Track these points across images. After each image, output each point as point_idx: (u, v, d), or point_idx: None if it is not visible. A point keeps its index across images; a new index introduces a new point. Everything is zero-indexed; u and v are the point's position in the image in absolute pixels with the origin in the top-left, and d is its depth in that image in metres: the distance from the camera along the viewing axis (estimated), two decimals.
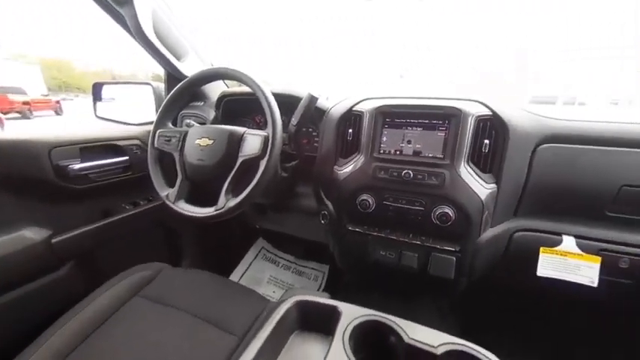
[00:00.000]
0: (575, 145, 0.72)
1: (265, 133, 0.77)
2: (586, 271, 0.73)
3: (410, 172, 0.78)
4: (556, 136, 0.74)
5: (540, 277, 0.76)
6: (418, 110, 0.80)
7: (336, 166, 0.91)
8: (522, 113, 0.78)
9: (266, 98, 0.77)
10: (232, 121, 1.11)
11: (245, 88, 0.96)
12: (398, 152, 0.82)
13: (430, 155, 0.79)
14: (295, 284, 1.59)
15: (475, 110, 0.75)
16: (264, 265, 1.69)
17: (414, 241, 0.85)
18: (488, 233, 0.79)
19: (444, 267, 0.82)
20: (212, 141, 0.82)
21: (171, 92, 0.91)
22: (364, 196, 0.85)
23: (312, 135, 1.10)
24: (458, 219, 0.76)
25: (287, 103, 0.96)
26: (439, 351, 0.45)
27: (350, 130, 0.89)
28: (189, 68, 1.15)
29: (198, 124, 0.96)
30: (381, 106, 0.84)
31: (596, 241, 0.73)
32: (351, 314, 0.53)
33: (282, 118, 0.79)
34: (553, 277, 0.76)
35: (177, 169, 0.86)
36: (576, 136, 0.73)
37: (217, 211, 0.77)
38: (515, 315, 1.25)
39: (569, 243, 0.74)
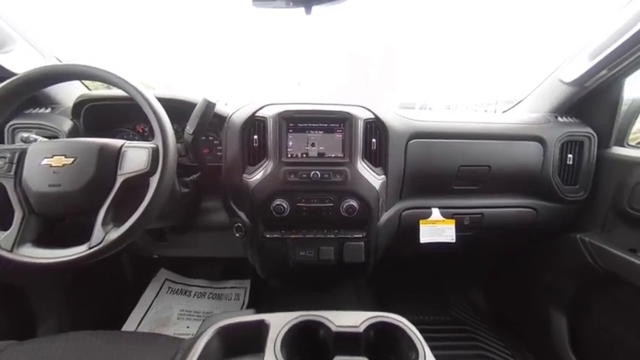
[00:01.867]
0: (431, 140, 0.96)
1: (153, 145, 0.65)
2: (448, 232, 0.99)
3: (317, 172, 0.85)
4: (419, 133, 0.95)
5: (423, 244, 0.98)
6: (318, 115, 0.87)
7: (245, 174, 0.88)
8: (395, 116, 0.96)
9: (149, 103, 0.64)
10: (101, 133, 0.87)
11: (116, 92, 0.77)
12: (304, 155, 0.87)
13: (333, 155, 0.88)
14: (214, 311, 1.43)
15: (363, 115, 0.88)
16: (172, 300, 1.43)
17: (329, 236, 0.92)
18: (385, 216, 0.95)
19: (355, 253, 0.93)
20: (72, 159, 0.62)
21: None
22: (278, 201, 0.85)
23: (214, 143, 1.01)
24: (361, 208, 0.88)
25: (177, 109, 0.83)
26: (361, 328, 0.50)
27: (255, 137, 0.87)
28: (17, 61, 0.84)
29: (44, 139, 0.72)
30: (284, 112, 0.86)
31: (451, 209, 1.00)
32: (279, 323, 0.52)
33: (173, 126, 0.68)
34: (430, 241, 0.98)
35: (12, 203, 0.61)
36: (430, 132, 0.96)
37: (93, 249, 0.59)
38: (411, 279, 1.56)
39: (435, 213, 0.98)
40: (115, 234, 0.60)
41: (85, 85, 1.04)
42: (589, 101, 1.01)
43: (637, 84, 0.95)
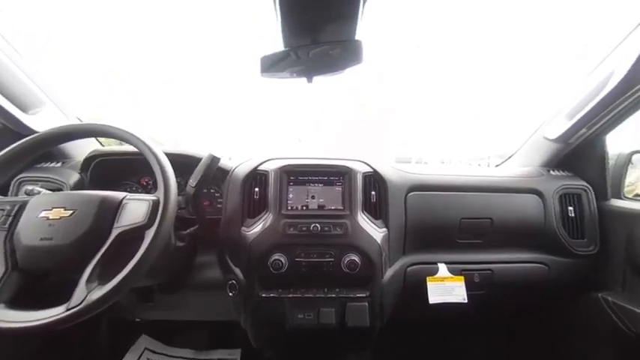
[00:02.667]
0: (430, 192, 0.97)
1: (154, 197, 0.65)
2: (458, 291, 0.91)
3: (317, 225, 0.83)
4: (418, 186, 0.97)
5: (432, 305, 0.90)
6: (318, 169, 0.90)
7: (243, 227, 0.86)
8: (393, 170, 1.00)
9: (156, 156, 0.66)
10: (107, 186, 0.89)
11: (127, 147, 0.82)
12: (304, 207, 0.87)
13: (333, 208, 0.87)
14: None
15: (361, 168, 0.91)
16: None
17: (330, 295, 0.85)
18: (389, 273, 0.89)
19: (359, 315, 0.84)
20: (71, 212, 0.62)
21: (5, 150, 0.67)
22: (276, 256, 0.82)
23: (215, 196, 1.02)
24: (363, 264, 0.83)
25: (182, 164, 0.87)
26: None
27: (256, 189, 0.88)
28: (42, 122, 0.91)
29: (48, 191, 0.73)
30: (285, 166, 0.89)
31: (458, 264, 0.95)
32: None
33: (177, 180, 0.70)
34: (440, 301, 0.90)
35: None
36: (429, 185, 0.98)
37: (70, 311, 0.53)
38: (420, 346, 1.38)
39: (442, 269, 0.93)
40: (98, 292, 0.55)
41: (99, 141, 1.10)
42: (576, 156, 1.06)
43: (619, 138, 1.01)
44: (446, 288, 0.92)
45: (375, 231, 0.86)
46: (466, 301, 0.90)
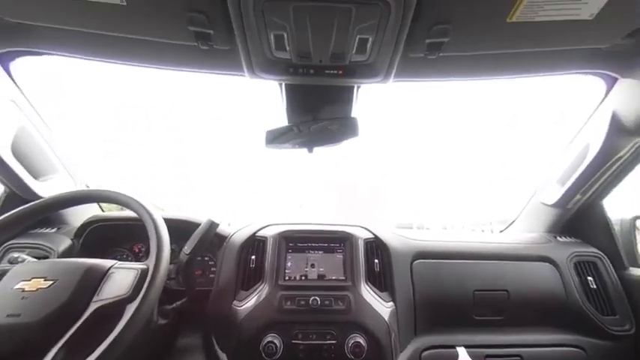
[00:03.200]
0: (437, 260, 0.92)
1: (144, 266, 0.62)
2: None
3: (317, 298, 0.76)
4: (423, 253, 0.92)
5: None
6: (318, 235, 0.88)
7: (235, 301, 0.78)
8: (395, 236, 0.97)
9: (154, 221, 0.65)
10: (98, 254, 0.85)
11: (127, 213, 0.82)
12: (303, 277, 0.81)
13: (334, 278, 0.81)
14: None
15: (362, 234, 0.89)
16: None
17: None
18: (401, 359, 0.76)
19: None
20: (51, 282, 0.57)
21: (6, 215, 0.66)
22: (270, 337, 0.71)
23: (209, 265, 0.96)
24: (370, 348, 0.72)
25: (180, 229, 0.85)
26: None
27: (253, 257, 0.84)
28: (50, 188, 0.93)
29: (33, 259, 0.69)
30: (284, 231, 0.87)
31: (480, 347, 0.82)
32: None
33: (171, 246, 0.67)
34: None
35: None
36: (435, 252, 0.93)
37: None
38: None
39: (463, 355, 0.80)
40: None
41: (100, 206, 1.11)
42: (579, 221, 1.04)
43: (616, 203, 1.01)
44: None
45: (381, 306, 0.78)
46: None
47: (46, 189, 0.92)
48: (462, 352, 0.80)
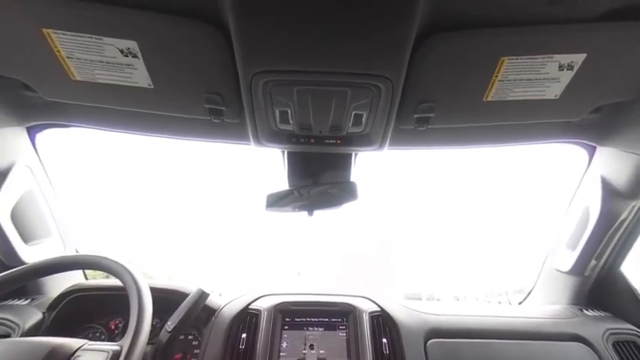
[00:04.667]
0: (455, 340, 0.80)
1: (116, 347, 0.53)
2: None
3: None
4: (438, 331, 0.81)
5: None
6: (318, 307, 0.79)
7: None
8: (403, 309, 0.87)
9: (138, 290, 0.59)
10: (68, 330, 0.74)
11: (112, 281, 0.75)
12: None
13: None
14: None
15: (366, 307, 0.80)
16: None
17: None
18: None
19: None
20: None
21: None
22: None
23: (192, 345, 0.83)
24: None
25: (166, 300, 0.77)
26: None
27: (243, 336, 0.73)
28: (37, 253, 0.89)
29: None
30: (280, 304, 0.79)
31: None
32: None
33: (153, 321, 0.60)
34: None
35: None
36: (452, 331, 0.82)
37: None
38: None
39: None
40: None
41: (85, 275, 1.03)
42: (602, 292, 0.96)
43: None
44: None
45: None
46: None
47: (32, 254, 0.87)
48: None
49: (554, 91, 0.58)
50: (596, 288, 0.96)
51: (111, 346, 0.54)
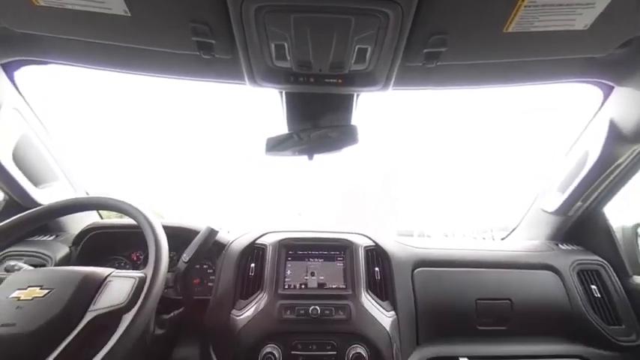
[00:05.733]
0: (438, 268, 0.90)
1: (141, 274, 0.61)
2: None
3: (317, 307, 0.74)
4: (424, 261, 0.91)
5: None
6: (318, 242, 0.87)
7: (234, 310, 0.77)
8: (395, 244, 0.96)
9: (152, 229, 0.64)
10: (96, 261, 0.84)
11: (126, 220, 0.82)
12: (303, 286, 0.80)
13: (334, 286, 0.80)
14: None
15: (363, 242, 0.88)
16: None
17: None
18: None
19: None
20: (47, 291, 0.56)
21: (4, 222, 0.66)
22: (269, 349, 0.70)
23: (207, 273, 0.95)
24: (371, 359, 0.71)
25: (179, 237, 0.85)
26: None
27: (252, 265, 0.83)
28: (49, 196, 0.93)
29: (30, 267, 0.68)
30: (284, 239, 0.86)
31: (483, 358, 0.81)
32: None
33: (170, 254, 0.67)
34: None
35: None
36: (436, 261, 0.92)
37: None
38: None
39: None
40: None
41: (99, 214, 1.10)
42: (581, 229, 1.04)
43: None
44: None
45: (382, 315, 0.77)
46: None
47: (45, 196, 0.91)
48: None
49: (585, 19, 0.51)
50: (576, 226, 1.04)
51: (137, 274, 0.61)
